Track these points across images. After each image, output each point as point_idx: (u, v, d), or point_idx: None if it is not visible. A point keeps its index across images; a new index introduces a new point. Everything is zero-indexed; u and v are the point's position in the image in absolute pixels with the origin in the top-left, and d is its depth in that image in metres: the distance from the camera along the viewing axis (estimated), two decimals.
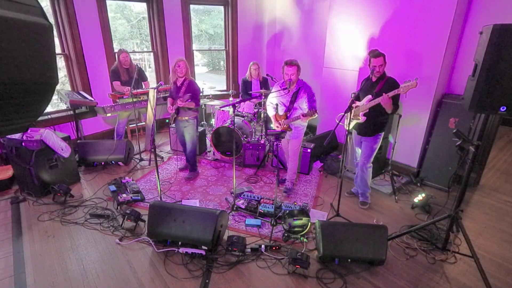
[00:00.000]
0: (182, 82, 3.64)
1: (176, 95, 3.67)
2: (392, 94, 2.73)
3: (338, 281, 2.36)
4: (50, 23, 0.88)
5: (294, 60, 3.13)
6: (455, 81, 3.79)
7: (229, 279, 2.38)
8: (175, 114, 3.73)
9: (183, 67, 3.58)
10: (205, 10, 9.03)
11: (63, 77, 5.21)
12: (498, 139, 5.46)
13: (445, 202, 3.12)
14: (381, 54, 2.89)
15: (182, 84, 3.64)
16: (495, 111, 2.04)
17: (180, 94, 3.60)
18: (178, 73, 3.59)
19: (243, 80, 4.93)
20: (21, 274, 2.42)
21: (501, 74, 1.95)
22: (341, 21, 4.34)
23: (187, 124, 3.75)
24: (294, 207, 3.08)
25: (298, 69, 3.12)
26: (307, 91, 3.21)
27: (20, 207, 3.31)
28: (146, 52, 6.71)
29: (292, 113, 3.30)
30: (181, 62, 3.57)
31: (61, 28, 4.42)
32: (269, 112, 3.51)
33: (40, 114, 0.98)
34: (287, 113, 3.31)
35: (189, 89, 3.61)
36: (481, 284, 2.28)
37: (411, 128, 3.91)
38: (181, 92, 3.61)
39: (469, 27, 3.52)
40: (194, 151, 3.94)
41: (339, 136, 4.63)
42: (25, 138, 3.27)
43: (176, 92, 3.68)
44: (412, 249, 2.73)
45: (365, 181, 3.32)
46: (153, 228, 2.66)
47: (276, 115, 3.41)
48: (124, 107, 4.39)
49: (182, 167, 4.24)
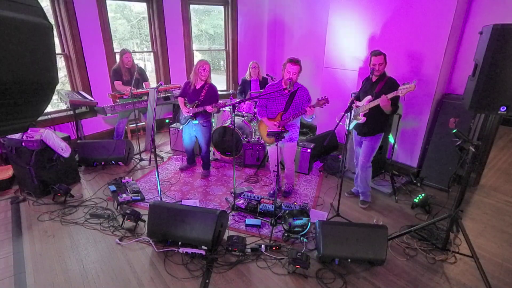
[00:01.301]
0: (202, 85, 3.56)
1: (194, 98, 3.59)
2: (391, 96, 2.74)
3: (338, 281, 2.36)
4: (50, 23, 0.88)
5: (298, 58, 2.97)
6: (455, 81, 3.79)
7: (229, 279, 2.38)
8: (192, 117, 3.65)
9: (208, 70, 3.49)
10: (205, 10, 9.02)
11: (63, 77, 5.20)
12: (498, 139, 5.46)
13: (445, 202, 3.12)
14: (381, 53, 2.89)
15: (202, 88, 3.56)
16: (495, 111, 2.04)
17: (201, 98, 3.54)
18: (202, 76, 3.49)
19: (243, 79, 4.93)
20: (21, 274, 2.42)
21: (501, 74, 1.95)
22: (341, 21, 4.34)
23: (203, 128, 3.74)
24: (294, 207, 3.08)
25: (300, 70, 2.98)
26: (305, 94, 3.08)
27: (20, 207, 3.31)
28: (146, 52, 6.70)
29: (288, 114, 3.12)
30: (207, 65, 3.48)
31: (61, 28, 4.42)
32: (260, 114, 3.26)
33: (40, 114, 0.98)
34: (282, 114, 3.13)
35: (209, 93, 3.56)
36: (481, 284, 2.28)
37: (411, 128, 3.91)
38: (202, 96, 3.54)
39: (469, 27, 3.52)
40: (208, 152, 4.00)
41: (339, 136, 4.63)
42: (25, 138, 3.27)
43: (194, 95, 3.59)
44: (412, 249, 2.73)
45: (365, 181, 3.31)
46: (153, 228, 2.66)
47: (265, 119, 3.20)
48: (124, 107, 4.39)
49: (183, 167, 4.23)
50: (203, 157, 4.00)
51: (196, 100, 3.57)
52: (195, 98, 3.59)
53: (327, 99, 2.92)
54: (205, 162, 4.05)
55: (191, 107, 3.60)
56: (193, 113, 3.60)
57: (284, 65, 3.00)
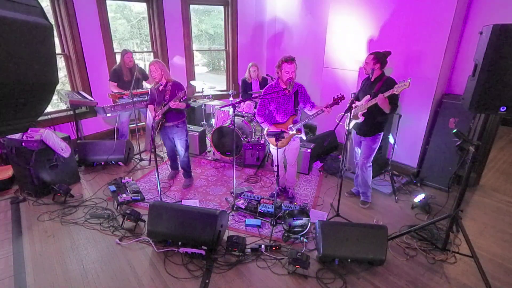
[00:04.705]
0: (164, 85, 3.35)
1: (160, 100, 3.38)
2: (387, 94, 2.74)
3: (338, 281, 2.36)
4: (50, 23, 0.88)
5: (292, 56, 2.84)
6: (455, 81, 3.79)
7: (229, 279, 2.38)
8: (163, 120, 3.42)
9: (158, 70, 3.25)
10: (205, 10, 9.02)
11: (63, 77, 5.20)
12: (498, 139, 5.46)
13: (445, 202, 3.11)
14: (372, 54, 2.93)
15: (165, 87, 3.35)
16: (495, 111, 2.04)
17: (167, 97, 3.32)
18: (154, 78, 3.30)
19: (243, 80, 4.92)
20: (21, 274, 2.42)
21: (501, 74, 1.95)
22: (341, 21, 4.34)
23: (177, 129, 3.51)
24: (294, 207, 3.08)
25: (296, 67, 2.86)
26: (305, 91, 3.05)
27: (20, 207, 3.31)
28: (146, 52, 6.70)
29: (299, 115, 3.07)
30: (151, 65, 3.25)
31: (61, 28, 4.42)
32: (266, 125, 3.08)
33: (40, 114, 0.98)
34: (294, 117, 3.04)
35: (173, 90, 3.31)
36: (481, 284, 2.28)
37: (411, 128, 3.91)
38: (167, 94, 3.32)
39: (469, 27, 3.52)
40: (188, 157, 3.73)
41: (339, 136, 4.63)
42: (25, 138, 3.27)
43: (159, 97, 3.37)
44: (412, 249, 2.73)
45: (366, 181, 3.32)
46: (153, 228, 2.66)
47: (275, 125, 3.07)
48: (124, 107, 4.39)
49: (171, 176, 3.99)
50: (183, 163, 3.73)
51: (163, 101, 3.36)
52: (161, 99, 3.37)
53: (343, 96, 2.82)
54: (186, 170, 3.78)
55: (160, 109, 3.37)
56: (161, 114, 3.37)
57: (279, 66, 2.86)
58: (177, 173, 4.08)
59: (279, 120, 3.09)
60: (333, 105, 2.85)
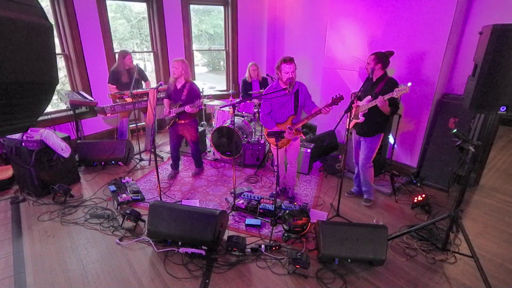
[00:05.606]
0: (183, 84, 3.58)
1: (177, 98, 3.60)
2: (387, 97, 2.74)
3: (338, 281, 2.36)
4: (50, 23, 0.88)
5: (291, 56, 2.86)
6: (455, 81, 3.79)
7: (229, 279, 2.38)
8: (176, 118, 3.65)
9: (179, 68, 3.48)
10: (205, 10, 9.02)
11: (63, 77, 5.21)
12: (498, 139, 5.46)
13: (445, 202, 3.12)
14: (373, 54, 2.93)
15: (183, 87, 3.57)
16: (495, 111, 2.04)
17: (183, 98, 3.54)
18: (173, 74, 3.54)
19: (243, 80, 4.92)
20: (21, 274, 2.42)
21: (501, 74, 1.95)
22: (341, 21, 4.34)
23: (188, 127, 3.74)
24: (294, 207, 3.08)
25: (296, 67, 2.86)
26: (305, 89, 3.04)
27: (20, 207, 3.31)
28: (146, 52, 6.70)
29: (299, 115, 3.09)
30: (175, 62, 3.50)
31: (61, 28, 4.42)
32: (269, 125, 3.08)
33: (40, 114, 0.98)
34: (293, 117, 3.04)
35: (191, 93, 3.55)
36: (481, 284, 2.28)
37: (411, 128, 3.91)
38: (183, 95, 3.55)
39: (469, 27, 3.52)
40: (199, 148, 3.98)
41: (339, 136, 4.63)
42: (25, 138, 3.27)
43: (176, 95, 3.61)
44: (412, 249, 2.73)
45: (367, 181, 3.32)
46: (153, 228, 2.66)
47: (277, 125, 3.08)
48: (124, 107, 4.39)
49: (171, 176, 3.99)
50: (194, 154, 4.00)
51: (179, 101, 3.57)
52: (178, 98, 3.59)
53: (341, 96, 2.83)
54: (196, 160, 4.06)
55: (175, 108, 3.60)
56: (176, 113, 3.60)
57: (278, 67, 2.87)
58: (177, 173, 4.10)
59: (278, 120, 3.10)
60: (331, 106, 2.85)
